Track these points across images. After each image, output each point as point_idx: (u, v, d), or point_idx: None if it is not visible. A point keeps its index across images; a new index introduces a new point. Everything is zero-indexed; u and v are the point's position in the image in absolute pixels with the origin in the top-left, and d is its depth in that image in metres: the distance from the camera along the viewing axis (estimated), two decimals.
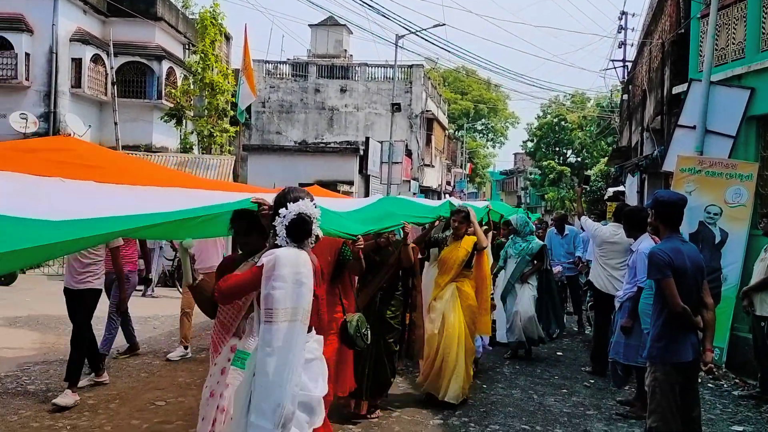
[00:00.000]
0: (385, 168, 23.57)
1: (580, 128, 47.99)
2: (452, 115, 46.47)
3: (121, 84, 20.17)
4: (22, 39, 18.41)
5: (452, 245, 6.13)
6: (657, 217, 4.09)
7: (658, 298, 4.01)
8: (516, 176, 69.23)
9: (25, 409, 5.30)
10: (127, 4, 20.48)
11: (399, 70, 28.03)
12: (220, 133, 19.04)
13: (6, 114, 17.83)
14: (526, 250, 7.80)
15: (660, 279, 3.92)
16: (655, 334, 4.00)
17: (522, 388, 6.65)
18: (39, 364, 6.73)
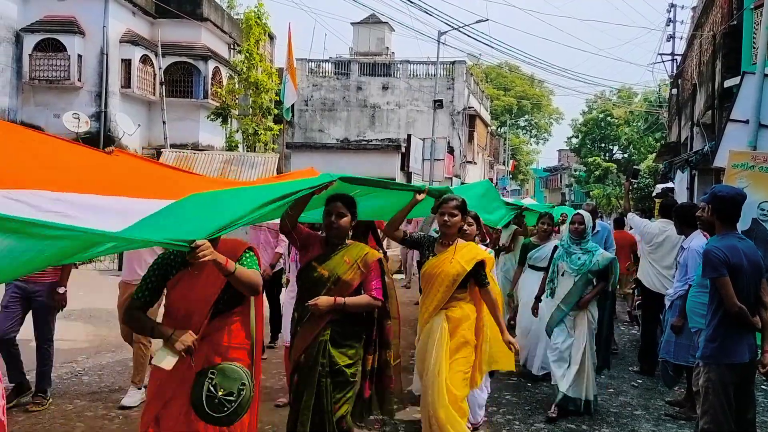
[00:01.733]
0: (427, 165, 23.51)
1: (626, 124, 47.01)
2: (495, 112, 46.07)
3: (168, 84, 20.62)
4: (74, 41, 18.99)
5: (441, 255, 4.27)
6: (714, 213, 3.96)
7: (713, 297, 3.90)
8: (560, 173, 68.22)
9: (80, 399, 5.49)
10: (175, 6, 20.92)
11: (441, 66, 27.91)
12: (264, 131, 19.29)
13: (60, 114, 18.42)
14: (588, 266, 5.46)
15: (715, 278, 3.80)
16: (710, 333, 3.89)
17: None
18: (92, 356, 6.96)
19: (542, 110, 53.50)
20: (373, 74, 30.17)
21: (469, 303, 4.33)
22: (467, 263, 4.19)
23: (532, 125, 55.82)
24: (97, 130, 19.10)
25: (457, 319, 4.24)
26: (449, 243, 4.27)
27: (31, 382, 5.35)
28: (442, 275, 4.20)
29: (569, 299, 5.51)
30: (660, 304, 6.69)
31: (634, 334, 9.53)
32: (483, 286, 4.27)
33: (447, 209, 4.25)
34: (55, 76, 19.08)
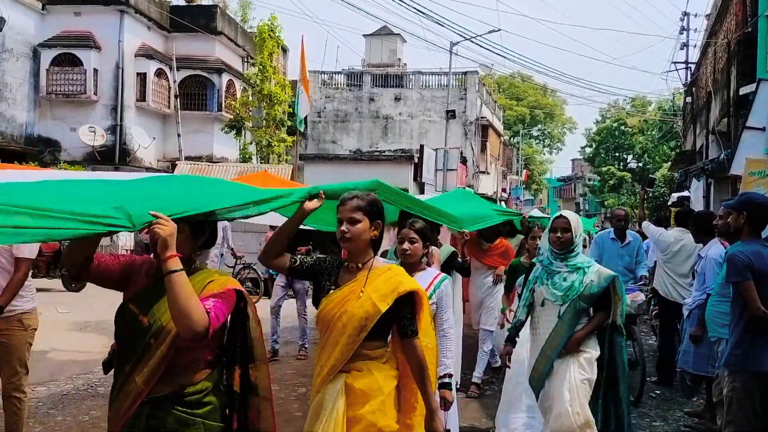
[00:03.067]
0: (440, 175, 23.49)
1: (641, 132, 46.77)
2: (508, 122, 46.04)
3: (183, 97, 20.83)
4: (90, 55, 19.26)
5: (347, 286, 2.78)
6: (747, 220, 3.94)
7: (736, 303, 3.84)
8: (574, 183, 67.93)
9: (96, 410, 5.51)
10: (189, 20, 21.17)
11: (453, 77, 27.96)
12: (277, 142, 19.42)
13: (76, 127, 18.67)
14: (578, 290, 3.89)
15: (739, 282, 3.76)
16: (734, 341, 3.82)
17: None
18: None
19: (555, 120, 53.36)
20: (386, 85, 30.28)
21: (388, 365, 2.78)
22: (382, 299, 2.66)
23: (545, 135, 55.66)
24: (113, 144, 19.31)
25: (360, 392, 2.69)
26: (357, 266, 2.79)
27: None
28: (345, 318, 2.67)
29: (555, 341, 3.87)
30: (677, 313, 6.61)
31: (651, 344, 9.43)
32: (405, 335, 2.73)
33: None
34: (71, 91, 19.33)
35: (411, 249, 3.64)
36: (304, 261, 2.92)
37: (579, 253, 4.00)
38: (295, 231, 2.83)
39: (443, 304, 3.62)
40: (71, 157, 18.79)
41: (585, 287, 3.90)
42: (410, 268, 3.45)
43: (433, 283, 3.62)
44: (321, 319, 2.79)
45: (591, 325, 3.97)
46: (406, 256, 3.64)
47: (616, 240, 7.15)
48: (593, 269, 3.96)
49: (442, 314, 3.60)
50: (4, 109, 18.35)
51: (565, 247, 3.97)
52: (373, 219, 2.75)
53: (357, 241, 2.73)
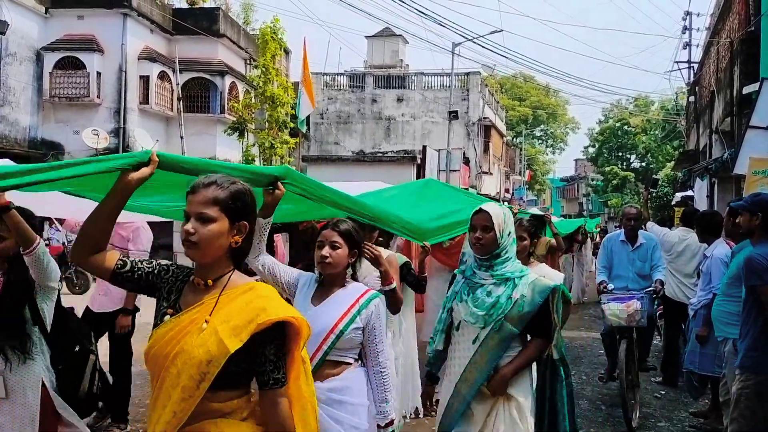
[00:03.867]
0: (442, 176, 23.50)
1: (644, 132, 46.72)
2: (510, 122, 46.01)
3: (186, 99, 20.85)
4: (93, 58, 19.28)
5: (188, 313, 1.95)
6: (762, 221, 3.91)
7: (752, 306, 3.79)
8: (577, 183, 67.84)
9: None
10: (192, 22, 21.19)
11: (455, 77, 27.97)
12: (280, 144, 19.42)
13: (79, 130, 18.68)
14: (505, 307, 2.98)
15: (759, 285, 3.70)
16: (750, 343, 3.78)
17: (589, 398, 6.49)
18: None
19: (558, 120, 53.31)
20: (388, 86, 30.30)
21: (248, 422, 1.97)
22: (233, 333, 1.84)
23: (547, 135, 55.62)
24: (116, 146, 19.33)
25: None
26: (206, 284, 1.97)
27: None
28: (180, 361, 1.87)
29: (472, 375, 2.96)
30: (682, 314, 6.60)
31: (656, 344, 9.41)
32: (265, 385, 1.94)
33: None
34: (74, 94, 19.37)
35: (332, 257, 2.83)
36: (137, 266, 2.05)
37: (510, 259, 3.02)
38: (117, 211, 2.03)
39: (374, 330, 2.84)
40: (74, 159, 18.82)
41: (514, 304, 2.91)
42: (331, 282, 2.90)
43: (359, 303, 2.83)
44: (149, 360, 1.94)
45: (523, 357, 2.97)
46: (325, 265, 2.84)
47: (627, 243, 6.22)
48: (526, 281, 2.97)
49: (373, 343, 2.85)
50: (8, 113, 18.40)
51: (487, 250, 2.98)
52: (235, 218, 1.92)
53: (206, 247, 1.91)
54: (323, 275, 2.93)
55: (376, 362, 2.88)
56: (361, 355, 2.91)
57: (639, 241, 6.21)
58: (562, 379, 3.01)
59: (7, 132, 18.40)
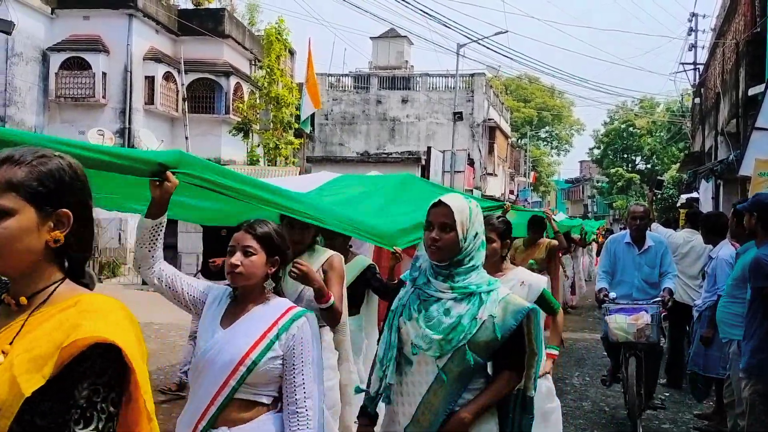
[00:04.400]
0: (447, 177, 23.49)
1: (649, 134, 46.61)
2: (515, 124, 45.97)
3: (191, 100, 20.89)
4: (99, 59, 19.35)
5: None
6: (759, 221, 3.89)
7: (758, 307, 3.75)
8: (582, 184, 67.73)
9: None
10: (197, 23, 21.24)
11: (460, 79, 27.96)
12: (285, 145, 19.46)
13: (85, 130, 18.74)
14: (468, 330, 2.24)
15: (766, 287, 3.68)
16: (756, 344, 3.74)
17: (593, 399, 6.47)
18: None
19: (563, 121, 53.24)
20: (393, 87, 30.31)
21: None
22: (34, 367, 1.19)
23: (552, 137, 55.55)
24: (121, 146, 19.39)
25: None
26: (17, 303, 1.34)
27: None
28: None
29: (426, 419, 2.30)
30: (686, 315, 6.58)
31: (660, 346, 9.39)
32: None
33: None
34: (80, 94, 19.43)
35: (244, 265, 2.26)
36: None
37: (475, 268, 2.30)
38: None
39: (295, 358, 2.23)
40: None
41: (480, 328, 2.22)
42: (246, 298, 2.33)
43: (278, 324, 2.25)
44: None
45: (488, 395, 2.30)
46: (235, 275, 2.27)
47: (632, 245, 5.48)
48: (496, 297, 2.28)
49: (291, 374, 2.24)
50: (14, 113, 18.47)
51: (446, 255, 2.27)
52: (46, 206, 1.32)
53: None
54: (236, 289, 2.36)
55: (291, 400, 2.23)
56: None
57: (646, 244, 5.42)
58: (530, 421, 2.40)
59: None
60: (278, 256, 2.37)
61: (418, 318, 2.28)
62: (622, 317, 5.06)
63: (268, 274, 2.35)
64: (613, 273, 5.53)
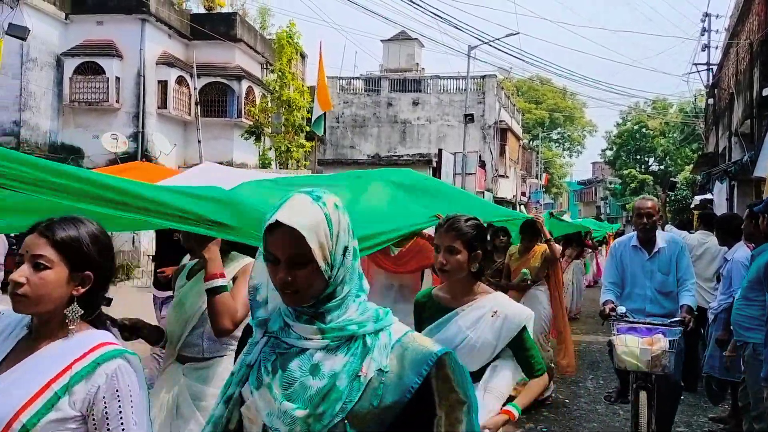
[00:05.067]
0: (458, 179, 23.46)
1: (662, 135, 46.35)
2: (527, 125, 45.84)
3: (203, 104, 21.00)
4: (112, 64, 19.51)
5: None
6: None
7: None
8: (595, 186, 67.40)
9: None
10: (209, 27, 21.37)
11: (471, 81, 27.93)
12: (296, 148, 19.52)
13: (99, 135, 18.90)
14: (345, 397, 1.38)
15: None
16: None
17: (606, 403, 6.43)
18: None
19: (575, 123, 53.04)
20: (404, 90, 30.33)
21: None
22: None
23: (565, 138, 55.35)
24: (135, 150, 19.53)
25: None
26: None
27: None
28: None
29: None
30: (701, 318, 6.53)
31: None
32: None
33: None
34: (94, 99, 19.59)
35: (31, 284, 1.60)
36: None
37: (349, 296, 1.49)
38: None
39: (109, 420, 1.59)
40: (94, 164, 19.03)
41: (365, 390, 1.41)
42: (39, 329, 1.67)
43: (71, 370, 1.59)
44: None
45: None
46: (17, 298, 1.61)
47: (640, 248, 4.57)
48: (388, 339, 1.47)
49: None
50: (29, 118, 18.65)
51: (307, 297, 1.46)
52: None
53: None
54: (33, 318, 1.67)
55: None
56: None
57: (657, 246, 4.49)
58: None
59: (28, 136, 18.66)
60: (90, 272, 1.66)
61: (270, 383, 1.43)
62: (634, 339, 4.07)
63: (73, 297, 1.64)
64: (620, 283, 4.61)
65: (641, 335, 4.11)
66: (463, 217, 2.52)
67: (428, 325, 2.55)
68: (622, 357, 4.11)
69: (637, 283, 4.54)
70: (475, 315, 2.48)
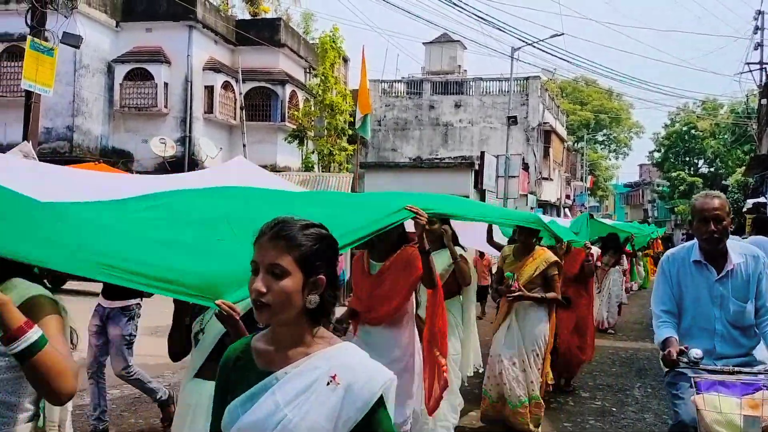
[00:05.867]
0: (501, 182, 23.25)
1: (712, 136, 45.05)
2: (571, 127, 45.13)
3: (248, 108, 21.34)
4: (161, 70, 20.00)
5: None
6: None
7: None
8: (642, 188, 65.88)
9: None
10: (254, 33, 21.72)
11: (515, 82, 27.65)
12: (339, 151, 19.66)
13: (147, 139, 19.40)
14: None
15: None
16: None
17: (655, 412, 6.27)
18: (178, 372, 7.20)
19: (621, 124, 51.96)
20: (446, 92, 30.23)
21: None
22: None
23: (610, 140, 54.26)
24: (182, 154, 19.97)
25: None
26: None
27: None
28: None
29: None
30: None
31: None
32: None
33: None
34: (143, 104, 20.12)
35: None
36: None
37: None
38: None
39: None
40: (143, 167, 19.55)
41: None
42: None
43: None
44: None
45: None
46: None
47: (706, 266, 3.31)
48: None
49: None
50: (81, 123, 19.27)
51: None
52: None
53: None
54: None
55: None
56: None
57: (731, 262, 3.27)
58: None
59: (81, 141, 19.27)
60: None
61: None
62: (730, 401, 2.74)
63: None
64: (677, 312, 3.36)
65: (736, 394, 2.77)
66: (300, 221, 1.63)
67: (240, 394, 1.61)
68: (715, 429, 2.73)
69: (702, 313, 3.28)
70: (300, 383, 1.56)
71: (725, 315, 3.26)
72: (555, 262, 5.29)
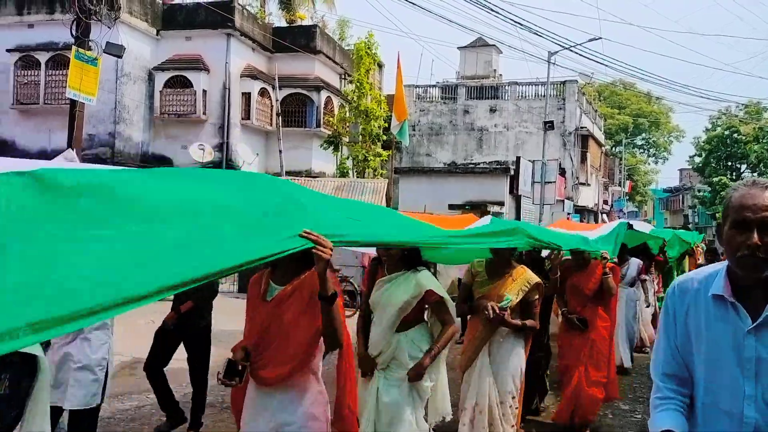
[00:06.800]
0: (537, 188, 23.00)
1: (756, 141, 43.87)
2: (609, 131, 44.45)
3: (284, 114, 21.57)
4: (200, 77, 20.35)
5: None
6: None
7: None
8: (682, 194, 64.49)
9: (205, 419, 5.75)
10: (290, 40, 21.95)
11: (551, 86, 27.37)
12: (373, 157, 19.72)
13: (186, 145, 19.73)
14: None
15: None
16: None
17: None
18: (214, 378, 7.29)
19: (661, 128, 50.98)
20: (481, 97, 30.08)
21: None
22: None
23: (649, 144, 53.28)
24: (220, 160, 20.27)
25: None
26: None
27: None
28: None
29: None
30: None
31: None
32: None
33: None
34: (182, 111, 20.49)
35: None
36: None
37: None
38: None
39: None
40: None
41: None
42: None
43: None
44: None
45: None
46: None
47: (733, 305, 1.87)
48: None
49: None
50: (123, 129, 19.71)
51: None
52: None
53: None
54: None
55: None
56: None
57: None
58: None
59: (122, 147, 19.71)
60: None
61: None
62: None
63: None
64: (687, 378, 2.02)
65: None
66: None
67: None
68: None
69: (723, 385, 1.90)
70: None
71: (763, 391, 1.82)
72: (537, 284, 4.48)
